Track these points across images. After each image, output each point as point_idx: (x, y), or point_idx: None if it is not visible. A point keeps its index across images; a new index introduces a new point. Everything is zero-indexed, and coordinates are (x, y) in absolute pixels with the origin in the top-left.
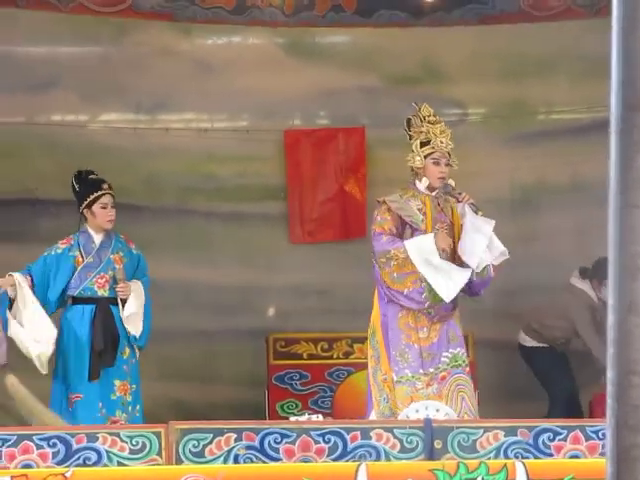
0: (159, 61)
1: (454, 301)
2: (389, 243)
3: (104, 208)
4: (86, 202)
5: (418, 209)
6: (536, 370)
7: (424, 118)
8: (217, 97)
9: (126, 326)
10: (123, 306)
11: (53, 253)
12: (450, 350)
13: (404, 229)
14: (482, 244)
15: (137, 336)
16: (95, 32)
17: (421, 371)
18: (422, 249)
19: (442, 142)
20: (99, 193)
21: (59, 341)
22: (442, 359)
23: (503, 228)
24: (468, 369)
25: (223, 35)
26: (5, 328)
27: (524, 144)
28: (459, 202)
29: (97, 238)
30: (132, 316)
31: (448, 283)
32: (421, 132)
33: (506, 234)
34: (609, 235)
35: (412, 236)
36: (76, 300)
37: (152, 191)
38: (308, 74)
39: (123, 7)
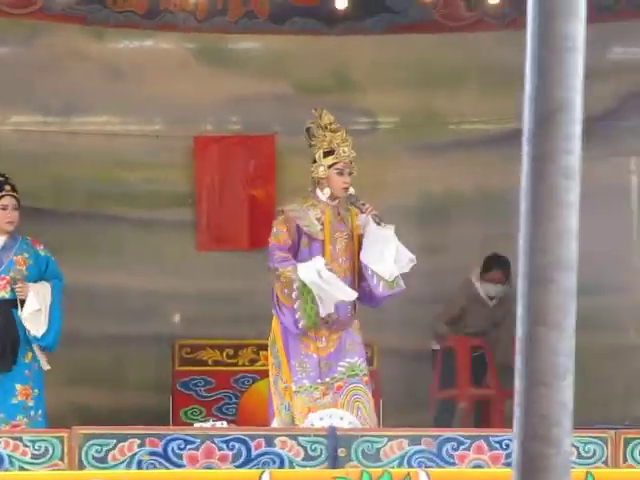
0: (70, 64)
1: (353, 310)
2: (279, 261)
3: (4, 209)
4: None
5: (317, 218)
6: (441, 371)
7: (325, 126)
8: (127, 102)
9: (25, 325)
10: (22, 307)
11: None
12: (347, 359)
13: (301, 238)
14: (390, 254)
15: (38, 336)
16: (5, 33)
17: (319, 381)
18: (310, 267)
19: (344, 151)
20: (0, 194)
21: None
22: (338, 368)
23: (411, 237)
24: (366, 379)
25: (135, 39)
26: None
27: (433, 154)
28: (362, 213)
29: (0, 240)
30: (31, 316)
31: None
32: (324, 141)
33: (414, 243)
34: (520, 245)
35: (309, 245)
36: None
37: (60, 195)
38: (220, 80)
39: (34, 9)
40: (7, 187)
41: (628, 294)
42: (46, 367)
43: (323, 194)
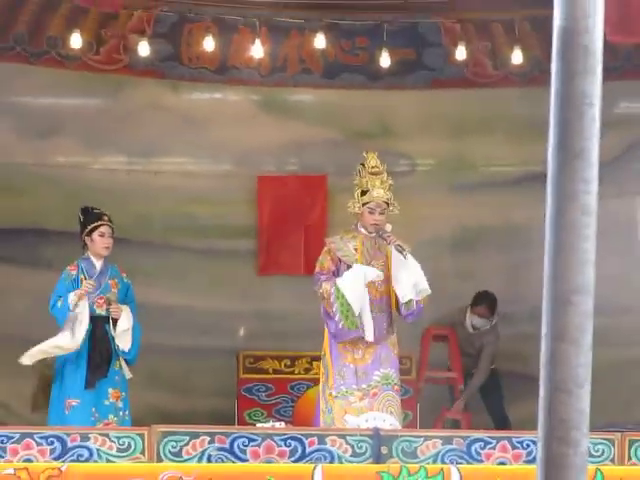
0: (150, 113)
1: (389, 328)
2: (322, 281)
3: (102, 236)
4: (87, 230)
5: (355, 249)
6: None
7: (369, 168)
8: (200, 146)
9: (117, 342)
10: (114, 325)
11: (68, 277)
12: (381, 370)
13: (341, 267)
14: (406, 279)
15: (125, 350)
16: (95, 87)
17: (354, 387)
18: (350, 277)
19: (378, 193)
20: (99, 223)
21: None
22: (374, 377)
23: (445, 265)
24: (397, 387)
25: (206, 92)
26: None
27: (465, 193)
28: (388, 244)
29: (98, 264)
30: (122, 333)
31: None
32: (363, 182)
33: (446, 271)
34: (544, 271)
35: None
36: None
37: (140, 227)
38: (279, 127)
39: (120, 65)
40: (105, 217)
41: (632, 314)
42: (129, 376)
43: (362, 227)
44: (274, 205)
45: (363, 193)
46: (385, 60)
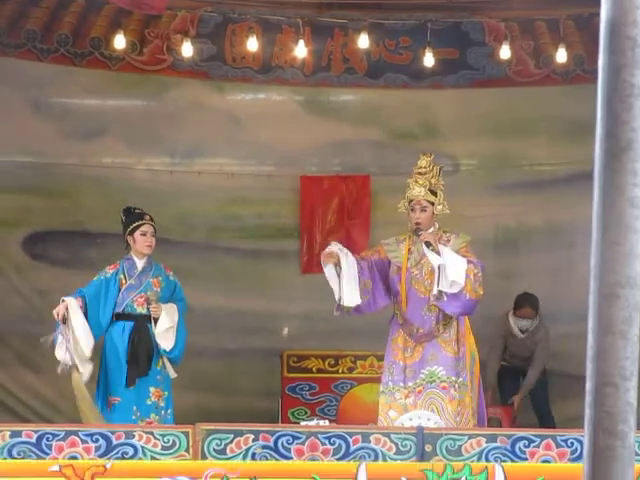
0: (194, 113)
1: (439, 324)
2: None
3: (144, 235)
4: (129, 229)
5: (407, 249)
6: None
7: (417, 168)
8: (243, 146)
9: (158, 341)
10: (156, 324)
11: (103, 277)
12: (427, 368)
13: (391, 267)
14: (437, 273)
15: (167, 350)
16: (138, 87)
17: (401, 384)
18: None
19: (418, 191)
20: (141, 222)
21: (102, 352)
22: (421, 375)
23: (487, 265)
24: (444, 385)
25: (250, 92)
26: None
27: (507, 192)
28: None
29: (139, 263)
30: (163, 333)
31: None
32: (409, 182)
33: (489, 270)
34: (591, 265)
35: (397, 273)
36: (119, 316)
37: (184, 228)
38: (323, 127)
39: (164, 66)
40: (146, 217)
41: None
42: (173, 375)
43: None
44: (317, 205)
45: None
46: (429, 60)
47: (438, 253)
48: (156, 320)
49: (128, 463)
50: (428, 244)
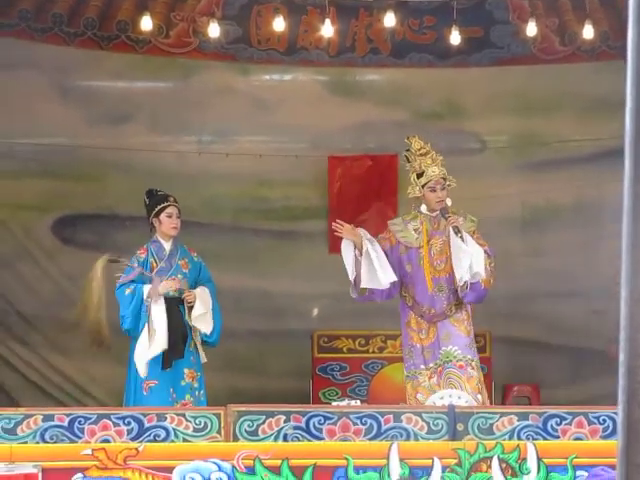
0: (220, 96)
1: (451, 304)
2: None
3: (169, 217)
4: (154, 212)
5: (415, 229)
6: None
7: (416, 152)
8: (269, 128)
9: (196, 326)
10: (189, 310)
11: (137, 262)
12: (443, 348)
13: (399, 247)
14: (464, 262)
15: (208, 333)
16: (165, 70)
17: (422, 367)
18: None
19: (434, 171)
20: (165, 204)
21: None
22: (438, 355)
23: (514, 243)
24: (460, 364)
25: (275, 73)
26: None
27: (534, 170)
28: (448, 224)
29: (167, 246)
30: (200, 317)
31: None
32: (415, 165)
33: (516, 248)
34: (623, 236)
35: (407, 252)
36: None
37: (211, 210)
38: (348, 108)
39: (190, 49)
40: (171, 198)
41: None
42: (204, 360)
43: (423, 208)
44: (344, 184)
45: (418, 176)
46: (455, 38)
47: (463, 239)
48: (190, 308)
49: (160, 446)
50: (457, 230)
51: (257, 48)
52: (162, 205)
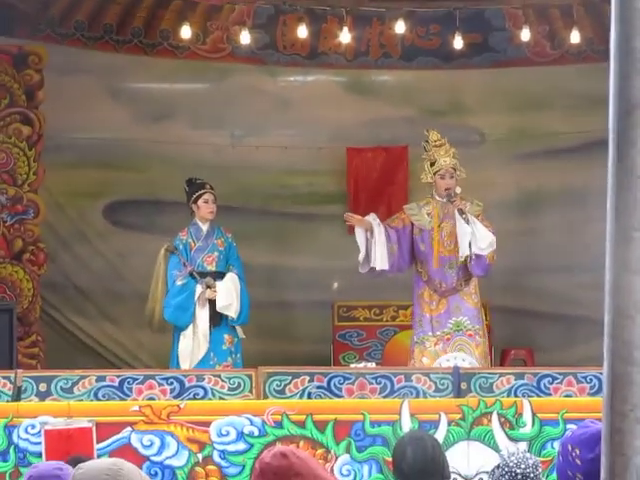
0: (250, 95)
1: (460, 279)
2: None
3: (206, 203)
4: (193, 198)
5: (427, 213)
6: None
7: (432, 142)
8: (295, 123)
9: (224, 313)
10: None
11: (179, 242)
12: (453, 318)
13: (414, 229)
14: (465, 240)
15: (234, 318)
16: (202, 74)
17: (430, 334)
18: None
19: (445, 161)
20: (202, 191)
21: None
22: (448, 325)
23: (510, 224)
24: (470, 332)
25: (299, 75)
26: None
27: (527, 160)
28: (454, 207)
29: (204, 228)
30: (223, 308)
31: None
32: (430, 154)
33: (512, 228)
34: (607, 209)
35: (420, 234)
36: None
37: (243, 196)
38: (363, 106)
39: (224, 54)
40: (207, 186)
41: None
42: (241, 336)
43: (435, 194)
44: (361, 173)
45: (432, 164)
46: (458, 43)
47: (467, 221)
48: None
49: (199, 403)
50: (461, 212)
51: (283, 53)
52: (200, 192)
